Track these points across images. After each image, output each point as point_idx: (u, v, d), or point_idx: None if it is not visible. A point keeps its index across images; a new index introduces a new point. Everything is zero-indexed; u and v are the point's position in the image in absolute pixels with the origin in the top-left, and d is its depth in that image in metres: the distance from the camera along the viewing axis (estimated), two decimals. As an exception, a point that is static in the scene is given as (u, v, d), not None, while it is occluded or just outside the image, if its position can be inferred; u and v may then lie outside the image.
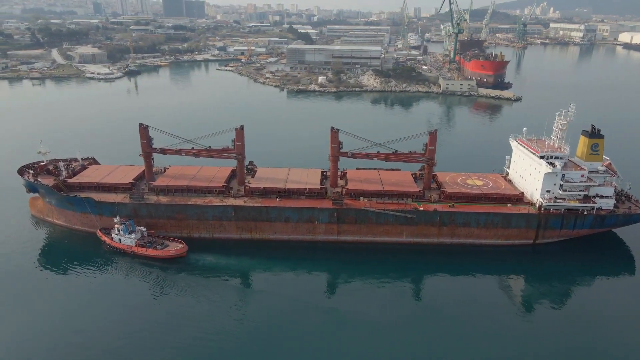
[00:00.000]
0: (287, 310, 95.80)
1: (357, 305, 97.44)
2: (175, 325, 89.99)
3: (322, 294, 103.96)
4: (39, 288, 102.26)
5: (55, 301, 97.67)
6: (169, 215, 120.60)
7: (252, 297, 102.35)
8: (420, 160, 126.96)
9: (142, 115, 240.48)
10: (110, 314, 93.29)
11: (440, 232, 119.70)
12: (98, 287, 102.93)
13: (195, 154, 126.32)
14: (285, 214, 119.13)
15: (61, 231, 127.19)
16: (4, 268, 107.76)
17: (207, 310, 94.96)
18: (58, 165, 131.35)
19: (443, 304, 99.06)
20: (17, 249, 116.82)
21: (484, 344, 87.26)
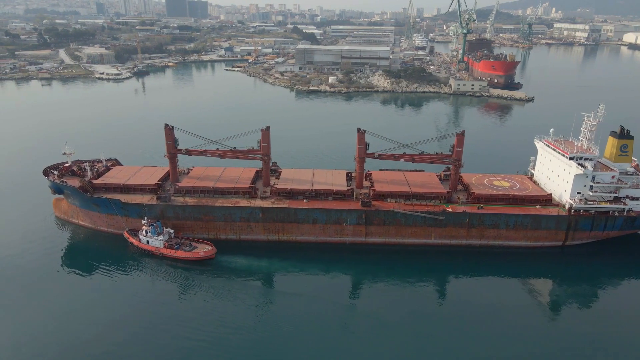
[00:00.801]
0: (314, 312, 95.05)
1: (384, 307, 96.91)
2: (205, 326, 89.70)
3: (350, 296, 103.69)
4: (69, 289, 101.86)
5: (86, 301, 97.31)
6: (196, 216, 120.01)
7: (280, 298, 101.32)
8: (447, 161, 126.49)
9: (157, 116, 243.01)
10: (142, 314, 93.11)
11: (469, 234, 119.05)
12: (127, 289, 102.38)
13: (220, 155, 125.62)
14: (313, 215, 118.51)
15: (86, 232, 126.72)
16: (32, 269, 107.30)
17: (236, 312, 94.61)
18: (83, 167, 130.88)
19: (471, 306, 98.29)
20: (43, 250, 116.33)
21: (511, 346, 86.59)
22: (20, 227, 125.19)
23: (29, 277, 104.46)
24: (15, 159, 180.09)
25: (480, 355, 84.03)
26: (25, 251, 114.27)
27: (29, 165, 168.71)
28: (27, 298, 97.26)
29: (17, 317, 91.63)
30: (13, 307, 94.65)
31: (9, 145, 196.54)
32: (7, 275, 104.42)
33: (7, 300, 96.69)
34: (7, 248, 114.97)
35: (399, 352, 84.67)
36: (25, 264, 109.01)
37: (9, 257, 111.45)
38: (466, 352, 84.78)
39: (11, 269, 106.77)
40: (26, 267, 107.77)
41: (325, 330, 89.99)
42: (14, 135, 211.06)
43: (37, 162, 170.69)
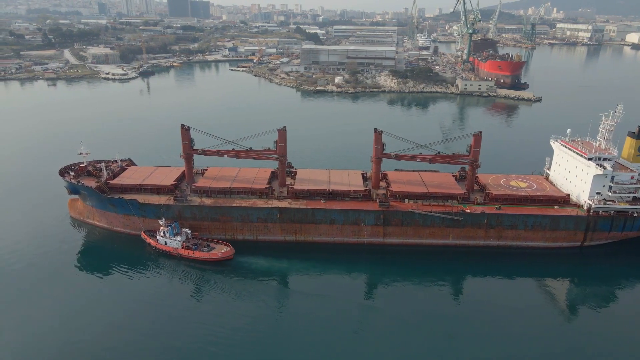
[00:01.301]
0: (333, 313, 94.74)
1: (402, 307, 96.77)
2: (224, 326, 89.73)
3: (368, 296, 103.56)
4: (87, 289, 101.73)
5: (106, 300, 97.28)
6: (213, 217, 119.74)
7: (299, 299, 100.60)
8: (464, 162, 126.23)
9: (166, 117, 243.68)
10: (161, 314, 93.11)
11: (487, 235, 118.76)
12: (146, 289, 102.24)
13: (237, 155, 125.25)
14: (331, 216, 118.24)
15: (102, 233, 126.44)
16: (49, 269, 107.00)
17: (256, 312, 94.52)
18: (99, 167, 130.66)
19: (489, 306, 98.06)
20: (59, 250, 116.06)
21: (528, 347, 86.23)
22: (35, 227, 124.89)
23: (46, 277, 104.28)
24: (26, 159, 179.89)
25: (497, 356, 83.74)
26: (42, 251, 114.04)
27: (41, 165, 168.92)
28: (45, 298, 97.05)
29: (35, 317, 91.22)
30: (31, 306, 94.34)
31: (20, 144, 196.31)
32: (24, 276, 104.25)
33: (24, 299, 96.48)
34: (24, 248, 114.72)
35: (416, 352, 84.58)
36: (42, 264, 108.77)
37: (25, 257, 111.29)
38: (484, 352, 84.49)
39: (28, 269, 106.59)
40: (43, 267, 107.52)
41: (343, 330, 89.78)
42: (23, 135, 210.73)
43: (49, 162, 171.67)
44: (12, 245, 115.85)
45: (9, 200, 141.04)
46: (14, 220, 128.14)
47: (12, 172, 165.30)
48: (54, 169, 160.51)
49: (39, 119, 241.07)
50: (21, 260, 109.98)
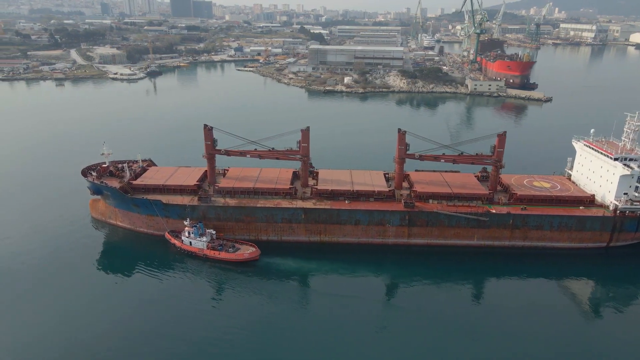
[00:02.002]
0: (363, 314, 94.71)
1: (425, 308, 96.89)
2: (252, 326, 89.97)
3: (394, 297, 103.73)
4: (114, 289, 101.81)
5: (134, 300, 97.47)
6: (238, 217, 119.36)
7: (326, 300, 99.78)
8: (487, 162, 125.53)
9: (178, 117, 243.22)
10: (190, 314, 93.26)
11: (512, 235, 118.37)
12: (173, 289, 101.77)
13: (260, 155, 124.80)
14: (356, 216, 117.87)
15: (125, 234, 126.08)
16: (73, 270, 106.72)
17: (284, 313, 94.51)
18: (120, 167, 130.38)
19: (515, 307, 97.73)
20: (82, 251, 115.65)
21: (553, 347, 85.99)
22: (56, 228, 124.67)
23: (71, 277, 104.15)
24: (44, 159, 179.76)
25: (520, 357, 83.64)
26: (64, 252, 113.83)
27: (59, 165, 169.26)
28: (69, 298, 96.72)
29: (58, 316, 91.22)
30: (55, 306, 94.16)
31: (33, 145, 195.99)
32: (48, 276, 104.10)
33: (48, 300, 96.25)
34: (45, 249, 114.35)
35: (439, 351, 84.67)
36: (65, 265, 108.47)
37: (48, 257, 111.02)
38: (505, 352, 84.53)
39: (51, 269, 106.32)
40: (67, 268, 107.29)
41: (367, 330, 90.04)
42: (35, 136, 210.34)
43: (66, 162, 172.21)
44: (33, 246, 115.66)
45: (28, 201, 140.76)
46: (35, 221, 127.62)
47: (29, 172, 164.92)
48: (71, 169, 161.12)
49: (51, 119, 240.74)
50: (43, 260, 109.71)
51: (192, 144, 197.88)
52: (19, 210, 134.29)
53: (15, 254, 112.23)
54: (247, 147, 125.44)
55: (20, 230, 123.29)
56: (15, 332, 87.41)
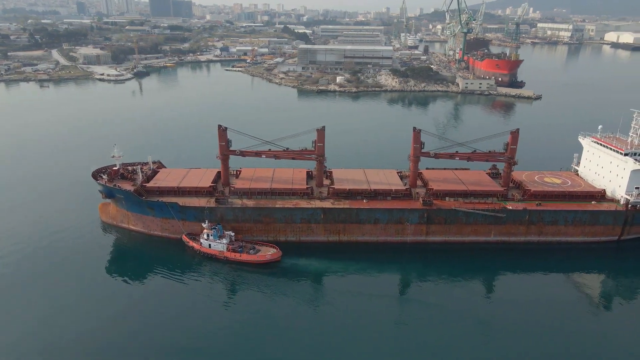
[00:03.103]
0: (383, 311, 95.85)
1: (447, 304, 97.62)
2: (280, 327, 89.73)
3: (415, 294, 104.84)
4: (133, 294, 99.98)
5: (157, 303, 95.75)
6: (256, 218, 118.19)
7: (352, 299, 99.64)
8: (501, 159, 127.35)
9: (176, 117, 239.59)
10: (214, 315, 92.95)
11: (527, 231, 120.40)
12: (195, 293, 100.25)
13: (275, 155, 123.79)
14: (375, 215, 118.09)
15: (138, 237, 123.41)
16: (90, 276, 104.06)
17: (311, 313, 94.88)
18: (132, 170, 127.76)
19: (531, 301, 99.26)
20: (95, 256, 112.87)
21: (571, 342, 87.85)
22: (66, 232, 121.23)
23: (86, 282, 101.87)
24: (46, 162, 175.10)
25: (533, 351, 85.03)
26: (77, 257, 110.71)
27: (63, 168, 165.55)
28: (89, 303, 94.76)
29: (72, 322, 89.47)
30: (68, 311, 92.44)
31: (28, 147, 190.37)
32: (61, 281, 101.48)
33: (60, 304, 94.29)
34: (56, 255, 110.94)
35: (459, 346, 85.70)
36: (80, 270, 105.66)
37: (59, 263, 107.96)
38: (525, 345, 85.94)
39: (63, 275, 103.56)
40: (81, 272, 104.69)
41: (391, 328, 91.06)
42: (29, 139, 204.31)
43: (69, 165, 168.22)
44: (43, 251, 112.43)
45: (34, 205, 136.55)
46: (43, 225, 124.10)
47: (32, 175, 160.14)
48: (74, 172, 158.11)
49: (42, 122, 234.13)
50: (55, 266, 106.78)
51: (193, 144, 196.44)
52: (25, 215, 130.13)
53: (23, 260, 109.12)
54: (260, 147, 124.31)
55: (27, 234, 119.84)
56: (26, 336, 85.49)
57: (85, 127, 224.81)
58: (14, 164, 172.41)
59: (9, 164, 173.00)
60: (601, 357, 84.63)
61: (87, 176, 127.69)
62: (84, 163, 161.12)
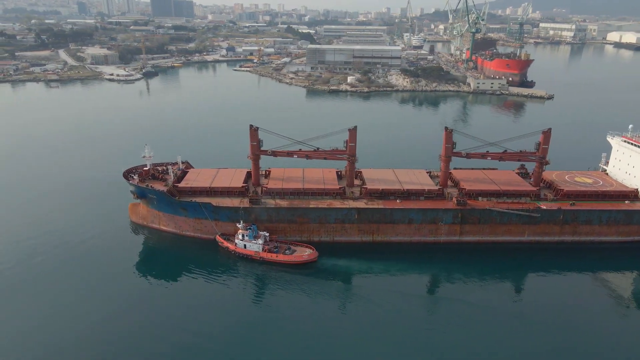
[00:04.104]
0: (421, 309, 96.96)
1: (484, 304, 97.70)
2: (321, 328, 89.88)
3: (453, 293, 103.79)
4: (173, 295, 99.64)
5: (197, 304, 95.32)
6: (290, 219, 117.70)
7: (390, 297, 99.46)
8: (532, 159, 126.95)
9: (195, 117, 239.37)
10: (255, 317, 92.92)
11: (561, 230, 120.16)
12: (233, 293, 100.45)
13: (307, 155, 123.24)
14: (409, 215, 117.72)
15: (170, 238, 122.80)
16: (130, 280, 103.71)
17: (349, 313, 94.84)
18: (165, 170, 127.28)
19: (568, 301, 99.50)
20: (130, 257, 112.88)
21: (598, 342, 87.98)
22: (96, 233, 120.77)
23: (124, 286, 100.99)
24: (68, 162, 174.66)
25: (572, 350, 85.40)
26: (109, 258, 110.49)
27: (87, 169, 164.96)
28: (129, 306, 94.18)
29: (106, 321, 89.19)
30: (103, 310, 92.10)
31: (47, 148, 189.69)
32: (96, 282, 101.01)
33: (93, 303, 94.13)
34: (89, 255, 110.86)
35: (493, 346, 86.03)
36: (113, 271, 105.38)
37: (91, 263, 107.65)
38: (559, 345, 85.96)
39: (96, 275, 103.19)
40: (115, 274, 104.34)
41: (432, 328, 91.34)
42: (45, 139, 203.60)
43: (94, 165, 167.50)
44: (73, 253, 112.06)
45: (62, 206, 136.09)
46: (74, 226, 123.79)
47: (55, 176, 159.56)
48: (101, 172, 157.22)
49: (59, 122, 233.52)
50: (88, 267, 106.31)
51: (215, 144, 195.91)
52: (51, 217, 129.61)
53: (55, 259, 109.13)
54: (290, 147, 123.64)
55: (57, 235, 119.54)
56: (58, 335, 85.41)
57: (105, 127, 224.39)
58: (35, 164, 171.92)
59: (32, 164, 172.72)
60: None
61: (113, 176, 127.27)
62: (110, 164, 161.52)
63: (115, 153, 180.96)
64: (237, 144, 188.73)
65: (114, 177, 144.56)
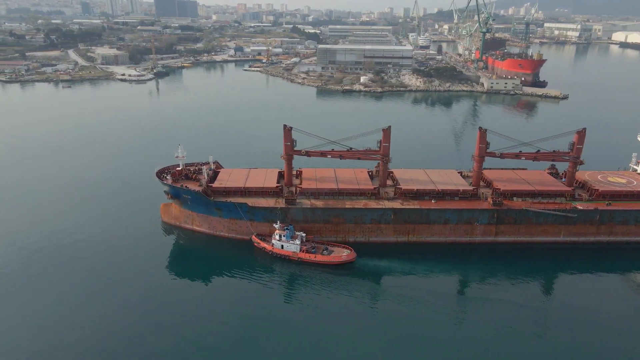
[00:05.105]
0: (457, 309, 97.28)
1: (518, 304, 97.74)
2: (364, 328, 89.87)
3: (489, 294, 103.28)
4: (214, 295, 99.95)
5: (243, 305, 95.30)
6: (325, 219, 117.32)
7: (430, 297, 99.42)
8: (566, 158, 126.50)
9: (214, 118, 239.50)
10: (301, 316, 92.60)
11: (597, 231, 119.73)
12: (274, 294, 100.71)
13: (341, 155, 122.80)
14: (445, 215, 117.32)
15: (203, 238, 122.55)
16: (160, 279, 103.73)
17: (391, 313, 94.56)
18: (199, 170, 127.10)
19: (606, 301, 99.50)
20: (166, 259, 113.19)
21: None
22: (128, 234, 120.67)
23: (165, 288, 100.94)
24: (99, 162, 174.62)
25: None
26: (143, 257, 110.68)
27: (122, 169, 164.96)
28: (171, 306, 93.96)
29: (145, 321, 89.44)
30: (139, 310, 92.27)
31: (78, 149, 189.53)
32: (134, 283, 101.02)
33: (131, 302, 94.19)
34: (121, 257, 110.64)
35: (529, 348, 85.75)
36: (150, 271, 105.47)
37: (126, 265, 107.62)
38: (597, 345, 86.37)
39: (131, 277, 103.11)
40: (151, 275, 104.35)
41: (471, 328, 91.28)
42: (74, 141, 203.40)
43: (128, 166, 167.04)
44: (108, 254, 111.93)
45: (92, 206, 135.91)
46: (106, 226, 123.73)
47: (84, 176, 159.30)
48: (133, 173, 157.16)
49: (78, 121, 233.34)
50: (124, 269, 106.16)
51: (241, 144, 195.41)
52: (82, 216, 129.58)
53: (89, 259, 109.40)
54: (323, 147, 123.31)
55: (91, 235, 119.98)
56: (93, 335, 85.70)
57: (127, 127, 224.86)
58: (62, 163, 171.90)
59: (62, 163, 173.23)
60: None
61: (143, 177, 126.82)
62: (140, 164, 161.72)
63: (139, 153, 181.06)
64: (262, 144, 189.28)
65: (143, 177, 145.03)
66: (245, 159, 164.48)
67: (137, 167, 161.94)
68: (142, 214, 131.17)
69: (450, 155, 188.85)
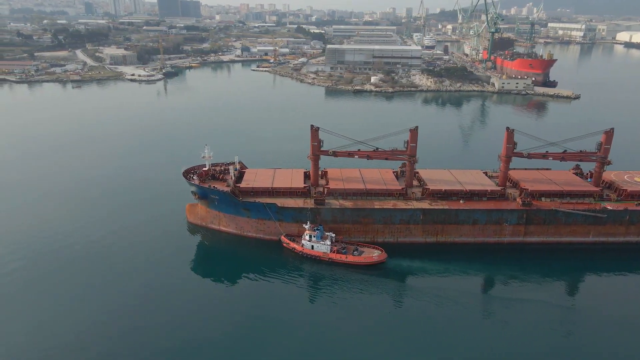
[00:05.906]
0: (487, 309, 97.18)
1: (541, 306, 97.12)
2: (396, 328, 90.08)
3: (521, 294, 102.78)
4: (246, 296, 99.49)
5: (276, 306, 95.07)
6: (355, 219, 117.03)
7: (463, 297, 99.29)
8: (593, 159, 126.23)
9: (231, 118, 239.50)
10: (336, 318, 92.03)
11: (627, 231, 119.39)
12: (304, 295, 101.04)
13: (368, 156, 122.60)
14: (473, 216, 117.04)
15: (232, 239, 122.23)
16: (192, 280, 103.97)
17: (425, 313, 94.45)
18: (226, 170, 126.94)
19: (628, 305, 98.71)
20: (193, 259, 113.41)
21: None
22: (154, 235, 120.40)
23: (193, 287, 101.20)
24: (124, 162, 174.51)
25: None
26: (170, 261, 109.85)
27: (147, 169, 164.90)
28: (207, 308, 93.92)
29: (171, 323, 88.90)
30: (166, 311, 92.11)
31: (102, 149, 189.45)
32: (161, 284, 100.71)
33: (157, 304, 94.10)
34: (147, 259, 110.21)
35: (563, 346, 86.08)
36: (179, 274, 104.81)
37: (155, 266, 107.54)
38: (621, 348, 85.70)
39: (160, 277, 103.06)
40: (182, 278, 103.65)
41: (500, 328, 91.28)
42: (94, 139, 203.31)
43: (153, 167, 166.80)
44: (135, 254, 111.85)
45: (117, 206, 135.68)
46: (128, 227, 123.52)
47: (109, 177, 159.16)
48: (158, 174, 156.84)
49: (96, 121, 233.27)
50: (150, 270, 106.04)
51: (257, 144, 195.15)
52: (109, 217, 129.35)
53: (116, 260, 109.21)
54: (349, 148, 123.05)
55: (117, 236, 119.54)
56: (123, 331, 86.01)
57: (142, 128, 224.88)
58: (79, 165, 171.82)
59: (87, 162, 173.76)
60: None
61: (168, 177, 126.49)
62: (162, 164, 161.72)
63: (159, 153, 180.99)
64: (281, 144, 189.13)
65: (168, 177, 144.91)
66: (266, 159, 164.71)
67: (160, 167, 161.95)
68: (167, 215, 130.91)
69: (471, 155, 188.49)
